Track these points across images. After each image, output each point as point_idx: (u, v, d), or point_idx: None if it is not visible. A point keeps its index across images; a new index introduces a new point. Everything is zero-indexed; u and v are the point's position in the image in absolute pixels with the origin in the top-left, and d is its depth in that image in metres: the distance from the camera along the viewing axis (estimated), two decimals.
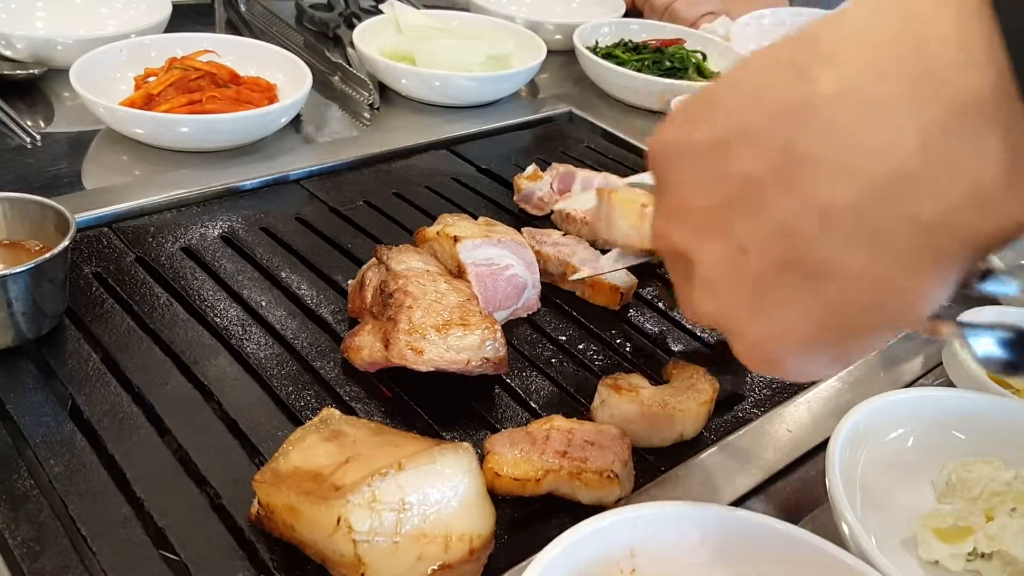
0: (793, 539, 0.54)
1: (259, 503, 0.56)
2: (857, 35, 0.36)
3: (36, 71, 1.13)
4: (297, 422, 0.66)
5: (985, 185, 0.34)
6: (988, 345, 0.45)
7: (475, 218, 0.85)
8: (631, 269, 0.85)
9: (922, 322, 0.39)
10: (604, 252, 0.86)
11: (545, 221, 0.99)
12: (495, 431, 0.68)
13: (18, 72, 1.13)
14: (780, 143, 0.37)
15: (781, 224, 0.38)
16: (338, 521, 0.50)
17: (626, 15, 1.57)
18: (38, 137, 1.03)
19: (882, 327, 0.40)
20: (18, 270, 0.67)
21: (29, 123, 1.05)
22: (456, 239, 0.77)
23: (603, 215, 0.75)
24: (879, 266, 0.37)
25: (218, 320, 0.77)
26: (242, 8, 1.45)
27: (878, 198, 0.35)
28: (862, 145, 0.35)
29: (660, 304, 0.87)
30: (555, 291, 0.88)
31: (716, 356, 0.80)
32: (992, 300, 0.85)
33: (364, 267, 0.79)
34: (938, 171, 0.34)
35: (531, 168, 1.04)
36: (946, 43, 0.33)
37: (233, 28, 1.43)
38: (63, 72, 1.03)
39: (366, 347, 0.71)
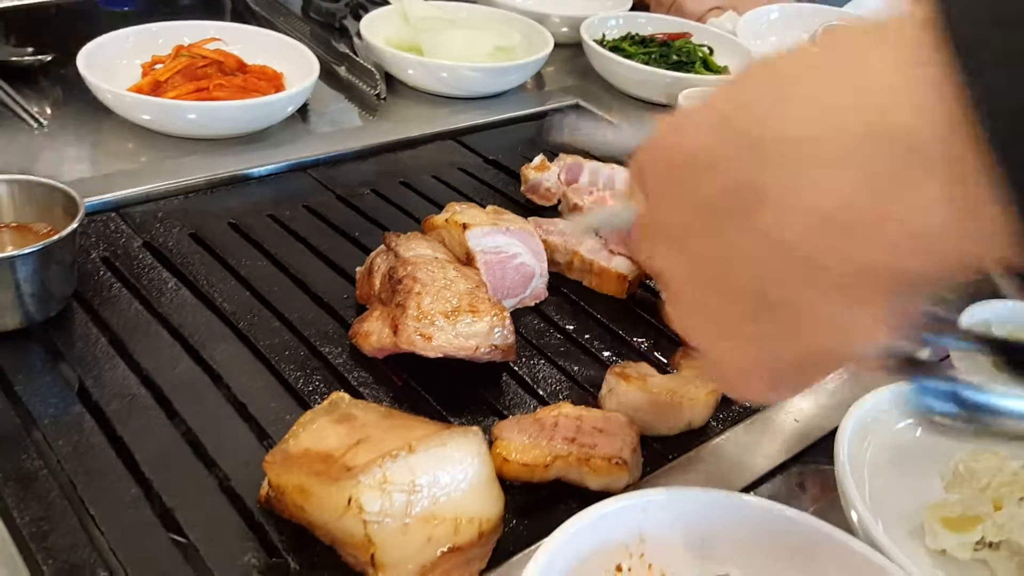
0: (803, 525, 0.54)
1: (269, 484, 0.56)
2: (814, 75, 0.37)
3: (44, 57, 1.13)
4: (306, 407, 0.66)
5: (928, 229, 0.34)
6: (931, 400, 0.44)
7: (483, 207, 0.85)
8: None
9: (868, 360, 0.40)
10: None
11: (552, 212, 0.99)
12: (503, 418, 0.68)
13: (25, 58, 1.13)
14: (741, 175, 0.38)
15: (733, 253, 0.39)
16: (349, 501, 0.50)
17: (633, 9, 1.56)
18: (44, 122, 1.03)
19: (825, 362, 0.41)
20: (27, 251, 0.67)
21: (36, 109, 1.05)
22: (465, 226, 0.77)
23: None
24: (824, 302, 0.37)
25: (226, 305, 0.77)
26: None
27: (825, 236, 0.36)
28: (813, 185, 0.36)
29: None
30: (562, 280, 0.88)
31: None
32: (993, 295, 0.86)
33: (372, 254, 0.79)
34: (883, 214, 0.35)
35: (539, 158, 1.04)
36: (894, 91, 0.34)
37: (240, 17, 1.43)
38: (70, 58, 1.03)
39: (374, 333, 0.71)
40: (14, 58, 1.12)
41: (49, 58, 1.13)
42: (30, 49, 1.14)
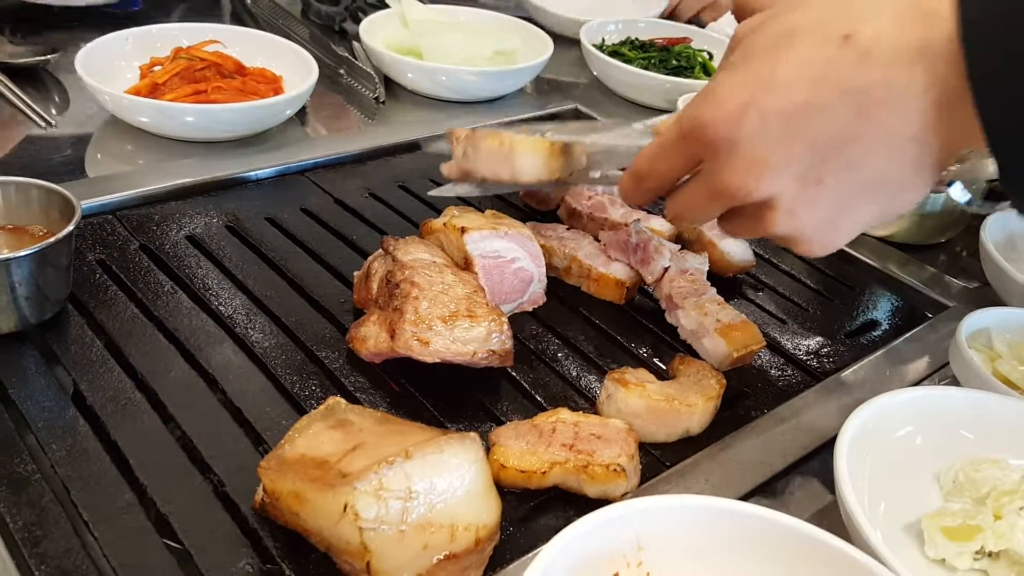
0: (801, 534, 0.54)
1: (264, 490, 0.55)
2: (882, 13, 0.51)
3: (48, 57, 1.13)
4: (302, 411, 0.66)
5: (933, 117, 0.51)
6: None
7: (481, 211, 0.85)
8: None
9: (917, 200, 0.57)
10: None
11: (550, 217, 0.99)
12: (500, 423, 0.68)
13: (26, 60, 1.13)
14: (851, 110, 0.51)
15: (852, 160, 0.53)
16: (344, 508, 0.50)
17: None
18: (54, 122, 1.03)
19: (905, 205, 0.57)
20: (22, 254, 0.67)
21: (42, 109, 1.05)
22: (463, 230, 0.77)
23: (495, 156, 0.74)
24: (906, 172, 0.54)
25: (223, 309, 0.77)
26: (248, 0, 1.45)
27: (911, 133, 0.52)
28: (896, 108, 0.51)
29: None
30: (560, 285, 0.87)
31: None
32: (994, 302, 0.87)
33: (370, 258, 0.79)
34: (933, 110, 0.51)
35: None
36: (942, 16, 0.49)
37: (239, 20, 1.43)
38: (68, 60, 1.03)
39: (372, 337, 0.71)
40: (13, 60, 1.12)
41: (51, 58, 1.13)
42: (34, 48, 1.14)
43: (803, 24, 0.52)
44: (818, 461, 0.71)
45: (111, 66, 1.08)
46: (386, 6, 1.38)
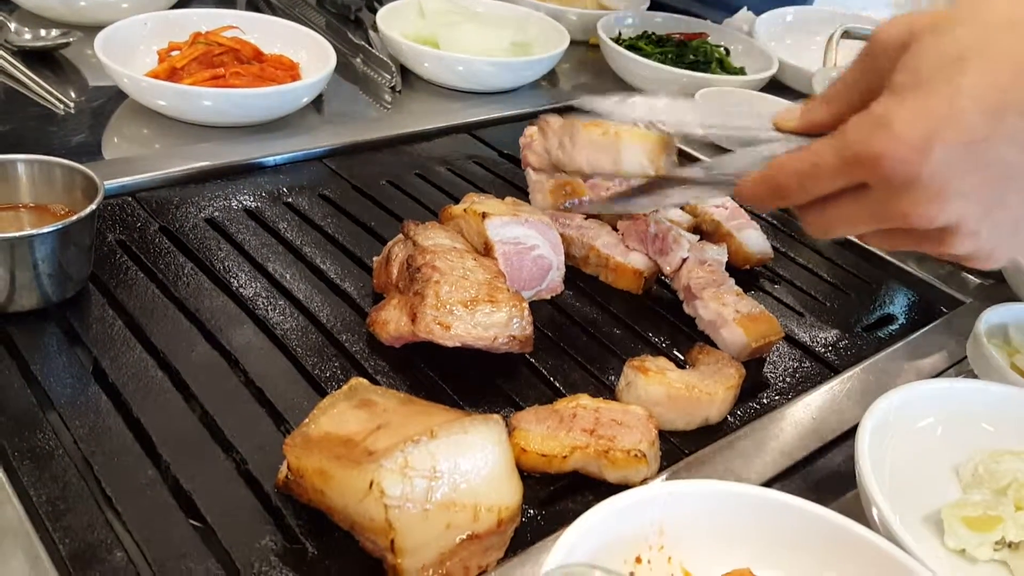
0: (824, 521, 0.54)
1: (288, 467, 0.55)
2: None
3: (65, 39, 1.13)
4: (322, 393, 0.66)
5: None
6: None
7: (500, 199, 0.85)
8: None
9: None
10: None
11: None
12: (520, 409, 0.68)
13: (44, 43, 1.13)
14: None
15: None
16: (370, 485, 0.50)
17: None
18: (71, 105, 1.03)
19: None
20: (45, 231, 0.67)
21: (59, 92, 1.05)
22: (484, 216, 0.77)
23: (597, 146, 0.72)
24: None
25: (243, 291, 0.77)
26: None
27: None
28: None
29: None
30: (578, 274, 0.87)
31: None
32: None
33: (391, 242, 0.79)
34: None
35: None
36: None
37: (255, 9, 1.43)
38: (86, 44, 1.03)
39: (392, 321, 0.71)
40: (31, 44, 1.12)
41: (71, 41, 1.13)
42: (54, 32, 1.14)
43: (974, 45, 0.51)
44: (836, 452, 0.71)
45: (130, 50, 1.08)
46: None
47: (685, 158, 0.74)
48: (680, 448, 0.68)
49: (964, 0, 0.55)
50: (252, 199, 0.91)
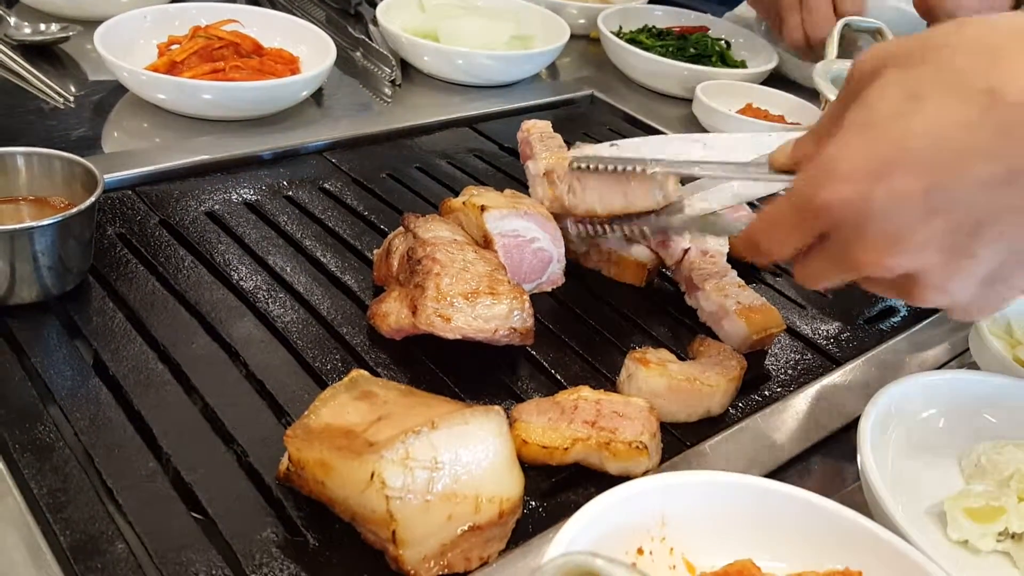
0: (825, 512, 0.54)
1: (289, 459, 0.55)
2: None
3: (65, 33, 1.13)
4: (323, 385, 0.66)
5: None
6: None
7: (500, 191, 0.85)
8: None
9: None
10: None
11: None
12: (520, 401, 0.68)
13: (43, 37, 1.12)
14: (998, 179, 0.47)
15: (1007, 230, 0.49)
16: (372, 476, 0.50)
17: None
18: (71, 99, 1.02)
19: None
20: (45, 223, 0.67)
21: (59, 86, 1.04)
22: (483, 208, 0.77)
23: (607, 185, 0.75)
24: None
25: (243, 284, 0.77)
26: None
27: None
28: None
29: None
30: (579, 268, 0.87)
31: None
32: None
33: (391, 235, 0.78)
34: None
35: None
36: None
37: (255, 2, 1.42)
38: (85, 38, 1.03)
39: (393, 313, 0.71)
40: (30, 38, 1.12)
41: (70, 35, 1.13)
42: (53, 27, 1.14)
43: (934, 81, 0.48)
44: (838, 444, 0.71)
45: (129, 44, 1.08)
46: None
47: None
48: (681, 440, 0.68)
49: (940, 27, 0.51)
50: (252, 192, 0.91)
